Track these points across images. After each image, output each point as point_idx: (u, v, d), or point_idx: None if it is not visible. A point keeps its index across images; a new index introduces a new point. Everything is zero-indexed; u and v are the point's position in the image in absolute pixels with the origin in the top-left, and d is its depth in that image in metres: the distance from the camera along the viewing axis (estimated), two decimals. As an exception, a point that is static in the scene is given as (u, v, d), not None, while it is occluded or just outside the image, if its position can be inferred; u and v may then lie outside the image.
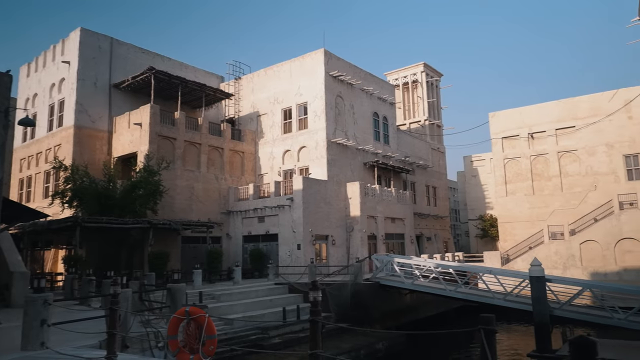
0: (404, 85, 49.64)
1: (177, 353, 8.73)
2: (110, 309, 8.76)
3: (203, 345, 8.82)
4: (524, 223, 34.50)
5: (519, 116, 36.01)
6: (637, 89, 32.52)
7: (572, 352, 5.36)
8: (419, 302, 26.41)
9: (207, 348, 8.86)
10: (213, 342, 9.09)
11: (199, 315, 9.15)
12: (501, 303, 19.92)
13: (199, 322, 9.08)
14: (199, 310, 9.53)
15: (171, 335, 9.01)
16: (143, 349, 13.00)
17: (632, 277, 28.71)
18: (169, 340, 9.21)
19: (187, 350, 8.80)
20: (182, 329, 8.85)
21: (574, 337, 4.86)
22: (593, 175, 32.98)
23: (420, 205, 42.82)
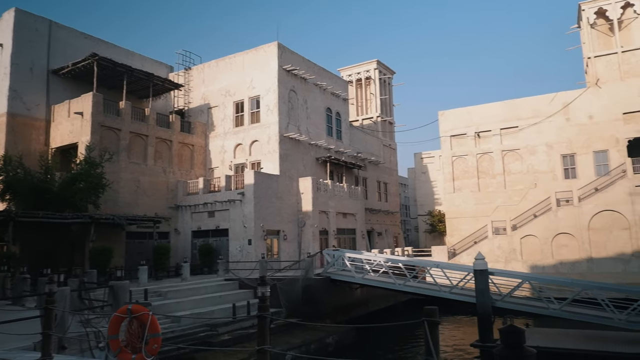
0: (357, 82, 50.06)
1: (118, 353, 8.29)
2: (45, 309, 8.23)
3: (146, 344, 8.42)
4: (470, 219, 35.75)
5: (467, 115, 37.20)
6: (574, 92, 34.40)
7: (503, 340, 5.60)
8: (369, 296, 26.76)
9: (151, 347, 8.46)
10: (157, 340, 8.70)
11: (141, 313, 8.72)
12: (447, 296, 20.50)
13: (142, 320, 8.66)
14: (142, 307, 9.09)
15: (112, 334, 8.55)
16: (82, 349, 12.38)
17: (566, 270, 30.44)
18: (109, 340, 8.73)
19: (129, 349, 8.38)
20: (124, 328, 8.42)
21: (504, 326, 5.09)
22: (534, 174, 34.63)
23: (371, 200, 43.41)
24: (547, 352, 16.37)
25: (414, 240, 59.02)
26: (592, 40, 35.64)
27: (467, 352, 19.11)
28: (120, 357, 8.08)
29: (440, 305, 25.22)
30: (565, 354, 16.18)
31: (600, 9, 35.30)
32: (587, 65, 36.15)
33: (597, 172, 32.72)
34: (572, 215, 31.32)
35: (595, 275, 29.31)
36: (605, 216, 30.62)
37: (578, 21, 37.65)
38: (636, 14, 34.40)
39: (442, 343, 21.54)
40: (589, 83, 35.01)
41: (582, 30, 36.70)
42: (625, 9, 34.76)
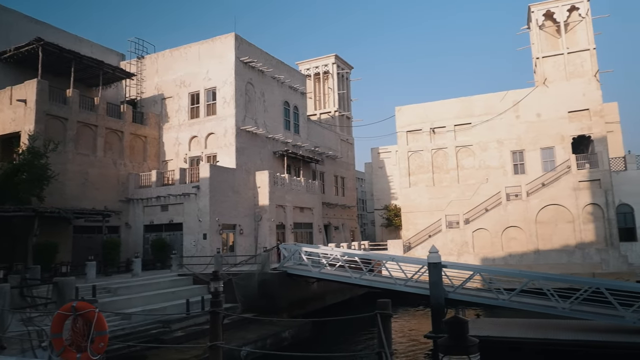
0: (315, 76, 49.96)
1: (62, 352, 7.85)
2: (-21, 307, 7.67)
3: (92, 342, 8.03)
4: (425, 213, 36.52)
5: (423, 111, 37.90)
6: (524, 91, 35.71)
7: (448, 330, 5.70)
8: (326, 290, 26.85)
9: (97, 345, 8.08)
10: (103, 338, 8.31)
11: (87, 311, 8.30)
12: (402, 288, 20.85)
13: (88, 318, 8.24)
14: (87, 305, 8.65)
15: (55, 333, 8.09)
16: (23, 349, 11.74)
17: (515, 262, 31.68)
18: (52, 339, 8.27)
19: (74, 348, 7.95)
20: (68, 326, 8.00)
21: (449, 317, 5.21)
22: (485, 169, 35.76)
23: (328, 195, 43.54)
24: (496, 341, 16.96)
25: (371, 234, 59.76)
26: (540, 41, 37.09)
27: (421, 342, 19.51)
28: (64, 356, 7.70)
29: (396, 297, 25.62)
30: (512, 342, 16.79)
31: (548, 11, 36.76)
32: (536, 65, 37.62)
33: (544, 168, 34.16)
34: (521, 209, 32.59)
35: (542, 266, 30.71)
36: (551, 210, 32.06)
37: (528, 22, 39.06)
38: (581, 17, 36.06)
39: (398, 334, 21.92)
40: (538, 82, 36.45)
41: (532, 31, 38.11)
42: (571, 12, 36.36)
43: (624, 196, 32.04)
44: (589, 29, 35.62)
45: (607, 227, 30.95)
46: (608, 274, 29.20)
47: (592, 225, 31.27)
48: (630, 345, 15.39)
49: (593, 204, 31.39)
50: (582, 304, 17.49)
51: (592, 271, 29.87)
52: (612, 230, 30.86)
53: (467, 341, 4.54)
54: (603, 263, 30.20)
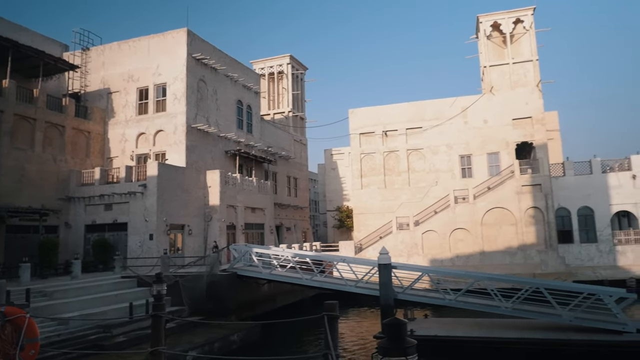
0: (269, 76, 49.52)
1: (-13, 361, 7.33)
2: None
3: (22, 349, 7.56)
4: (376, 214, 36.95)
5: (376, 114, 38.37)
6: (472, 98, 36.91)
7: (385, 332, 5.70)
8: (277, 291, 26.56)
9: (27, 353, 7.59)
10: (34, 345, 7.76)
11: (17, 316, 7.74)
12: (353, 289, 20.92)
13: (18, 324, 7.70)
14: (17, 310, 8.05)
15: (-21, 341, 7.52)
16: (-58, 360, 10.69)
17: (462, 262, 32.64)
18: (-25, 348, 7.67)
19: (1, 357, 7.49)
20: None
21: (388, 320, 5.21)
22: (435, 172, 36.65)
23: (281, 195, 43.22)
24: (443, 340, 17.33)
25: (323, 236, 59.92)
26: (487, 51, 38.51)
27: (370, 343, 19.61)
28: (-10, 365, 7.12)
29: (347, 298, 25.65)
30: (458, 341, 17.20)
31: (495, 22, 38.24)
32: (484, 73, 39.03)
33: (490, 172, 35.43)
34: (468, 212, 33.63)
35: (487, 266, 31.79)
36: (496, 213, 33.29)
37: (476, 32, 40.47)
38: (525, 29, 37.75)
39: (348, 335, 21.97)
40: (485, 90, 37.81)
41: (480, 41, 39.52)
42: (516, 24, 37.99)
43: (562, 200, 33.76)
44: (533, 41, 37.35)
45: (547, 230, 32.49)
46: (547, 274, 30.68)
47: (533, 227, 32.72)
48: (567, 342, 16.14)
49: (534, 208, 32.86)
50: (523, 303, 18.19)
51: (532, 271, 31.28)
52: (551, 232, 32.42)
53: (405, 343, 4.52)
54: (543, 264, 31.70)
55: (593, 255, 32.76)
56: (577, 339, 16.12)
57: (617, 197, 33.15)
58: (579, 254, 32.95)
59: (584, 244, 33.11)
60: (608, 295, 16.85)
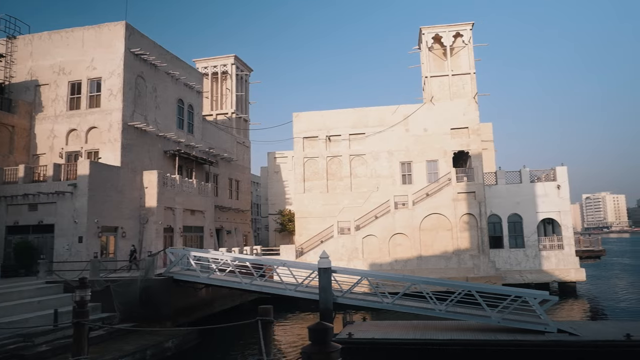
0: (213, 75, 48.50)
1: None
2: None
3: None
4: (318, 218, 37.05)
5: (320, 119, 38.56)
6: (414, 106, 38.00)
7: (310, 337, 5.71)
8: (215, 296, 25.96)
9: None
10: None
11: None
12: (292, 294, 20.81)
13: None
14: None
15: None
16: None
17: (400, 266, 33.41)
18: None
19: None
20: None
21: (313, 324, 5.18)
22: (377, 178, 37.33)
23: (222, 198, 42.35)
24: (380, 342, 17.58)
25: (264, 239, 59.34)
26: (429, 62, 39.86)
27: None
28: None
29: (287, 302, 25.50)
30: (395, 343, 17.51)
31: (437, 35, 39.67)
32: (425, 83, 40.32)
33: (428, 179, 36.58)
34: (407, 217, 34.51)
35: (424, 270, 32.75)
36: (433, 218, 34.38)
37: (419, 43, 41.78)
38: (464, 43, 39.44)
39: (287, 339, 21.78)
40: (425, 99, 39.05)
41: (422, 52, 40.83)
42: (456, 37, 39.61)
43: (494, 207, 35.49)
44: (471, 55, 39.09)
45: (480, 235, 33.98)
46: (479, 278, 32.07)
47: (468, 233, 34.11)
48: (495, 343, 16.88)
49: (469, 214, 34.28)
50: (456, 306, 18.85)
51: (466, 275, 32.59)
52: (483, 238, 33.94)
53: (329, 347, 4.48)
54: (475, 268, 33.09)
55: (521, 260, 34.64)
56: (504, 339, 16.90)
57: (543, 205, 35.29)
58: (508, 259, 34.73)
59: (513, 249, 34.95)
60: (533, 297, 17.81)
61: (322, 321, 19.03)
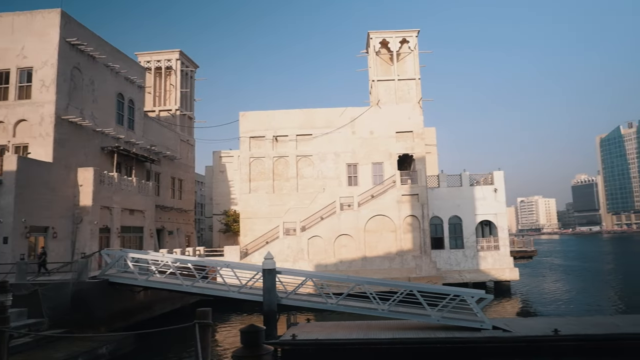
0: (156, 70, 46.81)
1: None
2: None
3: None
4: (264, 219, 36.63)
5: (267, 119, 38.17)
6: (361, 109, 38.47)
7: (242, 339, 5.59)
8: (154, 299, 25.03)
9: None
10: None
11: None
12: (236, 295, 20.41)
13: None
14: None
15: None
16: None
17: (345, 267, 33.67)
18: None
19: None
20: None
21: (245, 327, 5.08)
22: (323, 179, 37.45)
23: (164, 197, 40.94)
24: (324, 343, 17.58)
25: (208, 240, 58.00)
26: (376, 66, 40.53)
27: (251, 350, 19.19)
28: None
29: (231, 304, 24.95)
30: (338, 343, 17.57)
31: (384, 40, 40.41)
32: (372, 87, 40.95)
33: (374, 181, 37.14)
34: (353, 218, 34.84)
35: (368, 271, 33.19)
36: (378, 220, 34.93)
37: (367, 47, 42.38)
38: (410, 49, 40.44)
39: (229, 342, 21.28)
40: (372, 103, 39.65)
41: (369, 56, 41.44)
42: (402, 44, 40.53)
43: (436, 209, 36.59)
44: (416, 61, 40.12)
45: (422, 237, 34.90)
46: (421, 278, 32.92)
47: (411, 234, 34.93)
48: (434, 341, 17.36)
49: (412, 216, 35.12)
50: (398, 305, 19.21)
51: (408, 275, 33.34)
52: (425, 239, 34.89)
53: (261, 350, 4.36)
54: (417, 268, 33.93)
55: (460, 260, 35.93)
56: (443, 337, 17.42)
57: (481, 207, 36.81)
58: (448, 259, 35.91)
59: (453, 249, 36.18)
60: (470, 296, 18.48)
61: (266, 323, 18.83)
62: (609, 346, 17.05)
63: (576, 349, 17.00)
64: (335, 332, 18.83)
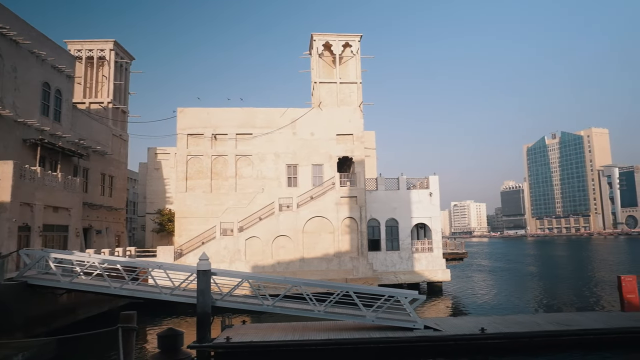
0: (88, 60, 44.26)
1: None
2: None
3: None
4: (200, 219, 35.63)
5: (206, 116, 37.19)
6: (302, 110, 38.47)
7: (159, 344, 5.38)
8: (79, 302, 23.59)
9: None
10: None
11: None
12: (168, 298, 19.65)
13: None
14: None
15: None
16: None
17: (282, 269, 33.46)
18: None
19: None
20: None
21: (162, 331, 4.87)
22: (262, 179, 37.04)
23: (92, 194, 38.74)
24: (259, 345, 17.32)
25: (140, 240, 55.61)
26: (319, 68, 40.72)
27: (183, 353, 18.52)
28: None
29: (164, 307, 24.03)
30: (273, 345, 17.38)
31: (327, 42, 40.69)
32: (314, 88, 41.08)
33: (313, 183, 37.24)
34: (291, 219, 34.72)
35: (306, 272, 33.19)
36: (316, 221, 35.04)
37: (310, 49, 42.48)
38: (352, 54, 41.00)
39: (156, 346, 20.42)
40: (314, 104, 39.78)
41: (313, 57, 41.57)
42: (345, 47, 41.01)
43: (374, 212, 37.31)
44: (358, 66, 40.74)
45: (360, 239, 35.42)
46: (358, 279, 33.40)
47: (348, 236, 35.35)
48: (369, 341, 17.60)
49: (350, 218, 35.55)
50: (334, 307, 19.32)
51: (345, 277, 33.72)
52: (363, 241, 35.44)
53: (179, 354, 4.17)
54: (354, 269, 34.39)
55: (396, 262, 36.84)
56: (377, 337, 17.71)
57: (417, 211, 37.98)
58: (384, 261, 36.71)
59: (389, 251, 37.04)
60: (404, 297, 18.93)
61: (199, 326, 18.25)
62: (531, 343, 18.09)
63: (501, 346, 17.89)
64: (271, 334, 18.62)
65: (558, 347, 17.90)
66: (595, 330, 18.43)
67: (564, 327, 18.83)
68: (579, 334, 18.26)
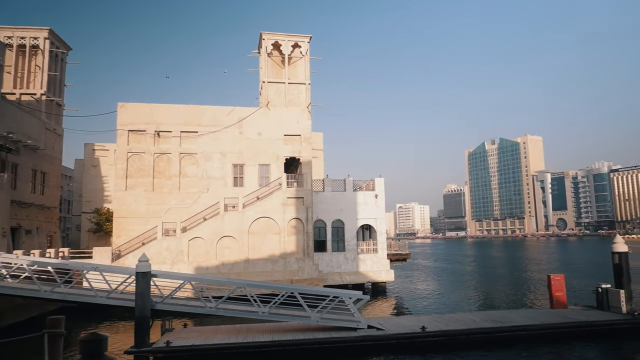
0: (19, 48, 41.43)
1: None
2: None
3: None
4: (141, 219, 34.28)
5: (149, 112, 35.86)
6: (250, 109, 37.97)
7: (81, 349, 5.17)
8: (4, 306, 22.07)
9: None
10: None
11: None
12: (103, 301, 18.75)
13: None
14: None
15: None
16: None
17: (227, 270, 32.85)
18: None
19: None
20: None
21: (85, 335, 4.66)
22: (207, 179, 36.19)
23: (22, 192, 36.30)
24: (200, 349, 16.87)
25: (75, 240, 52.75)
26: (267, 67, 40.37)
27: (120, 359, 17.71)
28: None
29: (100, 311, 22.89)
30: (215, 348, 16.99)
31: (276, 42, 40.44)
32: (262, 88, 40.68)
33: (260, 183, 36.85)
34: (237, 220, 34.16)
35: (251, 274, 32.77)
36: (262, 222, 34.69)
37: (259, 48, 42.05)
38: (302, 54, 40.99)
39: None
40: (262, 104, 39.39)
41: (261, 56, 41.16)
42: (295, 48, 40.93)
43: (321, 213, 37.46)
44: (307, 67, 40.77)
45: (306, 240, 35.43)
46: (303, 280, 33.39)
47: (295, 237, 35.26)
48: (313, 342, 17.61)
49: (296, 219, 35.48)
50: (279, 308, 19.17)
51: (291, 278, 33.60)
52: (309, 242, 35.47)
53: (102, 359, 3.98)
54: (300, 270, 34.35)
55: (341, 263, 37.17)
56: (321, 338, 17.76)
57: (363, 212, 38.52)
58: (330, 262, 36.94)
59: (335, 252, 37.33)
60: (348, 297, 19.11)
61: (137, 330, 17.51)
62: (468, 340, 18.79)
63: (441, 343, 18.45)
64: (213, 336, 18.21)
65: (493, 343, 18.74)
66: (527, 327, 19.48)
67: (498, 324, 19.74)
68: (512, 330, 19.22)
